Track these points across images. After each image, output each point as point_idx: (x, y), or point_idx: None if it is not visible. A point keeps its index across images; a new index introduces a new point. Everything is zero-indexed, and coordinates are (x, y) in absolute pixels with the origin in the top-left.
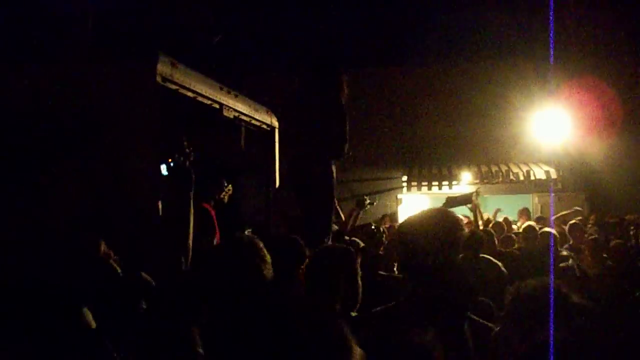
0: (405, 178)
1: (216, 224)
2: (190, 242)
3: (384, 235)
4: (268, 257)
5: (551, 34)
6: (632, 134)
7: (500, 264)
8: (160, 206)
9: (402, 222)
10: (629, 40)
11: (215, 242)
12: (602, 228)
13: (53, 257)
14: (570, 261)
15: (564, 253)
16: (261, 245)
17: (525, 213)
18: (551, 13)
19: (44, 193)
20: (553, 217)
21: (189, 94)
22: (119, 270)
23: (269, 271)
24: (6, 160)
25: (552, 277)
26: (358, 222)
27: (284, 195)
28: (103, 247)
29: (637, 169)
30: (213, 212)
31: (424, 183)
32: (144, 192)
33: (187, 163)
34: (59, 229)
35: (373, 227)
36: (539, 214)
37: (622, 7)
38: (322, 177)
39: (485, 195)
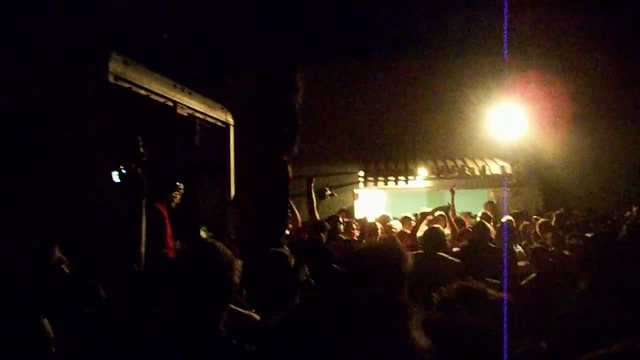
0: (362, 173)
1: (168, 224)
2: (143, 248)
3: (342, 227)
4: (237, 263)
5: (505, 30)
6: (585, 129)
7: (458, 261)
8: (113, 211)
9: (357, 251)
10: (583, 37)
11: (168, 242)
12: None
13: (2, 263)
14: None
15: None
16: (229, 251)
17: (490, 207)
18: (505, 8)
19: None
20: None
21: (142, 92)
22: (70, 276)
23: (237, 277)
24: None
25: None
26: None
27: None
28: (57, 253)
29: (590, 164)
30: (165, 212)
31: (380, 178)
32: (97, 196)
33: (140, 170)
34: (9, 234)
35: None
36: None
37: (576, 4)
38: (275, 175)
39: (440, 190)
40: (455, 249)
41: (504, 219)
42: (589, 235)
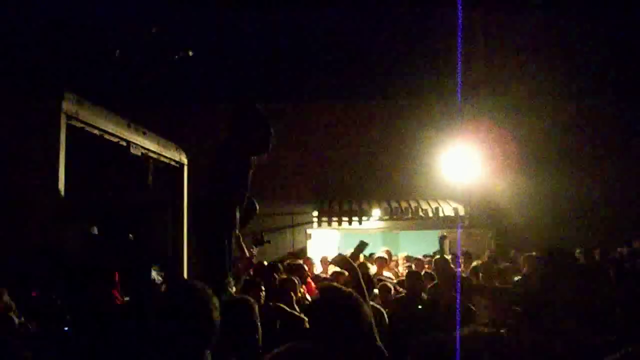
0: (316, 213)
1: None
2: None
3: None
4: (217, 303)
5: (459, 74)
6: (537, 172)
7: (384, 311)
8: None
9: (316, 299)
10: (534, 81)
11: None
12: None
13: None
14: None
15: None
16: (210, 291)
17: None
18: (459, 53)
19: None
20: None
21: (96, 131)
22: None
23: (218, 316)
24: None
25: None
26: (267, 259)
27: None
28: (5, 298)
29: (542, 206)
30: None
31: (334, 218)
32: (45, 232)
33: None
34: None
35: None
36: (447, 250)
37: (526, 49)
38: (220, 220)
39: (395, 231)
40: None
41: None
42: None
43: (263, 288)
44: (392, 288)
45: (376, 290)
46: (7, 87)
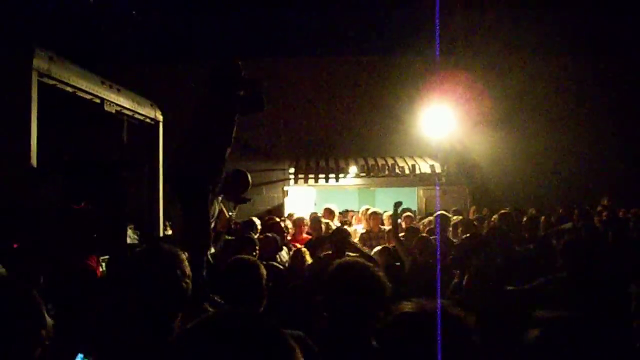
0: (292, 170)
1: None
2: None
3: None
4: (189, 270)
5: (437, 30)
6: (512, 129)
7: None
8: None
9: (332, 270)
10: (510, 37)
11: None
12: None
13: None
14: None
15: None
16: (183, 256)
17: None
18: (437, 8)
19: None
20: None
21: (68, 89)
22: None
23: (189, 285)
24: None
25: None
26: (244, 217)
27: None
28: None
29: (517, 163)
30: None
31: (310, 175)
32: (20, 195)
33: None
34: None
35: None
36: (423, 207)
37: (504, 4)
38: (198, 176)
39: (371, 188)
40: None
41: (435, 214)
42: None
43: (257, 247)
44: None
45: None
46: None
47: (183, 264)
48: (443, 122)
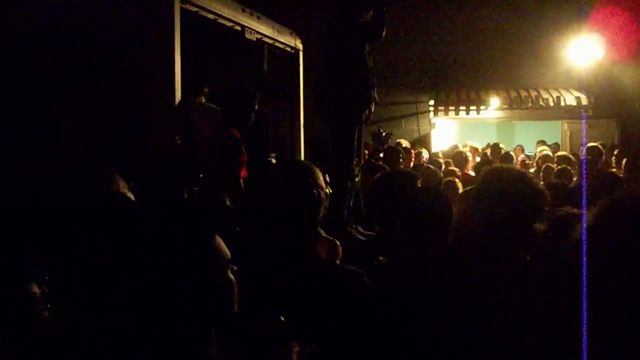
0: (432, 102)
1: (244, 149)
2: None
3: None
4: (322, 182)
5: None
6: None
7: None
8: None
9: (481, 181)
10: None
11: (243, 166)
12: None
13: (65, 189)
14: None
15: None
16: (317, 170)
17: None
18: None
19: (57, 126)
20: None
21: (210, 16)
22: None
23: (319, 195)
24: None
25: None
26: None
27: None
28: (118, 180)
29: None
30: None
31: (451, 108)
32: (163, 125)
33: None
34: (72, 162)
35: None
36: (567, 142)
37: None
38: (348, 102)
39: (513, 122)
40: None
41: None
42: None
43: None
44: None
45: None
46: None
47: (314, 175)
48: (589, 52)
